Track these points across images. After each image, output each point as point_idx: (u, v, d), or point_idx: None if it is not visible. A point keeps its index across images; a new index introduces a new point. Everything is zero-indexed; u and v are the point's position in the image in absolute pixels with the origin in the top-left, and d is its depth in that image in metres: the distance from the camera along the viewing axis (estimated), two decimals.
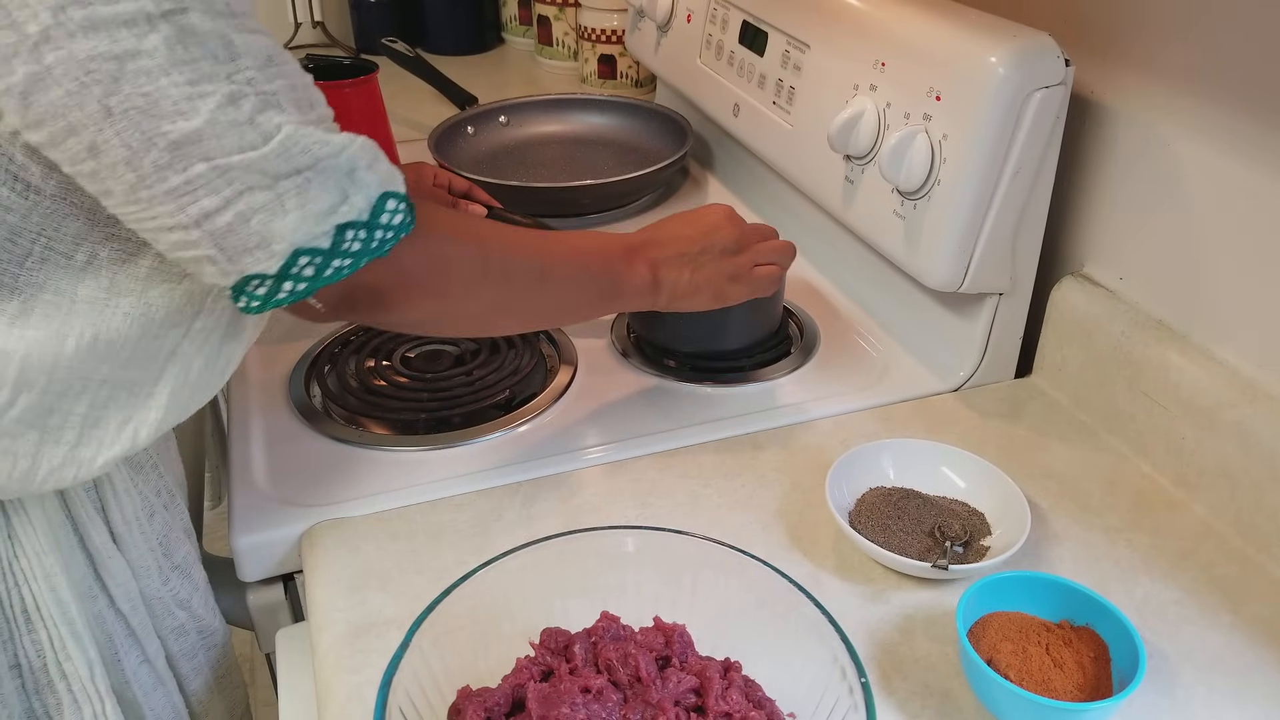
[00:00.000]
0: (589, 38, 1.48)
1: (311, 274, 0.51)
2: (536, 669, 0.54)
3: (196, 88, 0.46)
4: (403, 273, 0.57)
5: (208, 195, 0.47)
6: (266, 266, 0.50)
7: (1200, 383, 0.72)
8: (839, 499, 0.69)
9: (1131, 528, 0.71)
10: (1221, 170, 0.70)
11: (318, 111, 0.51)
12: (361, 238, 0.52)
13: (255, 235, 0.49)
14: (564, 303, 0.70)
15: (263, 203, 0.48)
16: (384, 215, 0.53)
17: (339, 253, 0.51)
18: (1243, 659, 0.61)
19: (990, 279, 0.80)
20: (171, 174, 0.47)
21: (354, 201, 0.51)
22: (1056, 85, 0.73)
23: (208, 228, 0.48)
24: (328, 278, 0.52)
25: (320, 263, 0.51)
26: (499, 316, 0.67)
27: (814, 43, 0.91)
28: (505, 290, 0.64)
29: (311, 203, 0.49)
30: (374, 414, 0.81)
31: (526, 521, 0.70)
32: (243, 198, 0.48)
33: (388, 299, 0.58)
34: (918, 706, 0.57)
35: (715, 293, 0.76)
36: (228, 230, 0.48)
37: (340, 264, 0.52)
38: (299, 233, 0.50)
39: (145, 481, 0.65)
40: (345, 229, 0.51)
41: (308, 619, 0.65)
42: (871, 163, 0.83)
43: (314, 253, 0.51)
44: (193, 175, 0.47)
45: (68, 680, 0.60)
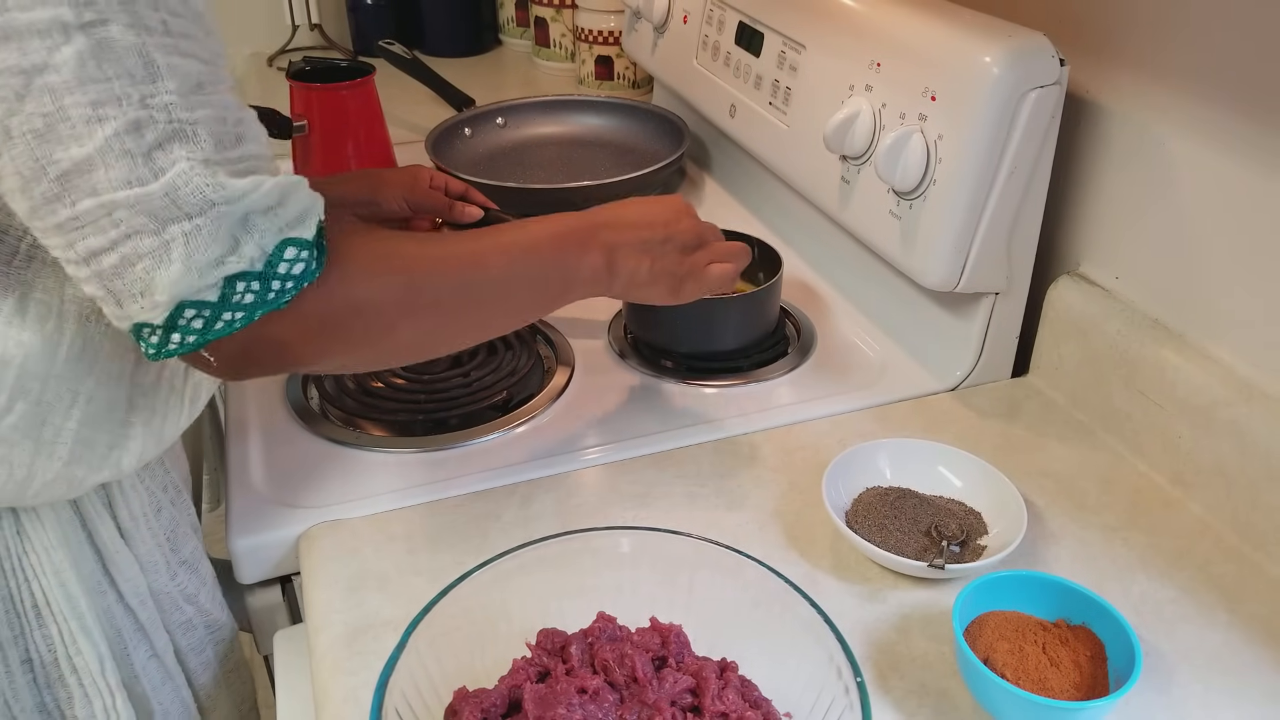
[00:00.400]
0: (586, 39, 1.49)
1: (200, 327, 0.48)
2: (533, 670, 0.54)
3: (99, 110, 0.43)
4: (310, 322, 0.52)
5: (95, 234, 0.45)
6: (151, 316, 0.47)
7: (1196, 381, 0.72)
8: (836, 499, 0.69)
9: (1128, 526, 0.71)
10: (1217, 169, 0.70)
11: (243, 149, 0.49)
12: (255, 289, 0.48)
13: (139, 282, 0.46)
14: (507, 312, 0.65)
15: (148, 249, 0.46)
16: (281, 265, 0.49)
17: (229, 305, 0.48)
18: (1239, 657, 0.61)
19: (986, 278, 0.80)
20: (60, 207, 0.45)
21: (244, 251, 0.48)
22: (1051, 85, 0.73)
23: (95, 268, 0.46)
24: (218, 331, 0.48)
25: (209, 315, 0.48)
26: (434, 343, 0.62)
27: (810, 43, 0.91)
28: (437, 317, 0.59)
29: (197, 253, 0.46)
30: (371, 416, 0.81)
31: (524, 522, 0.70)
32: (129, 241, 0.45)
33: (294, 352, 0.53)
34: (914, 705, 0.57)
35: (671, 287, 0.70)
36: (114, 274, 0.46)
37: (231, 317, 0.48)
38: (181, 285, 0.46)
39: (152, 478, 0.66)
40: (235, 280, 0.48)
41: (305, 621, 0.65)
42: (867, 163, 0.84)
43: (200, 305, 0.47)
44: (80, 210, 0.45)
45: (78, 674, 0.61)
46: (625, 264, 0.67)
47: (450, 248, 0.61)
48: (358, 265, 0.54)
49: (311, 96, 1.08)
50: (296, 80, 1.08)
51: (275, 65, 1.65)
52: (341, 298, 0.53)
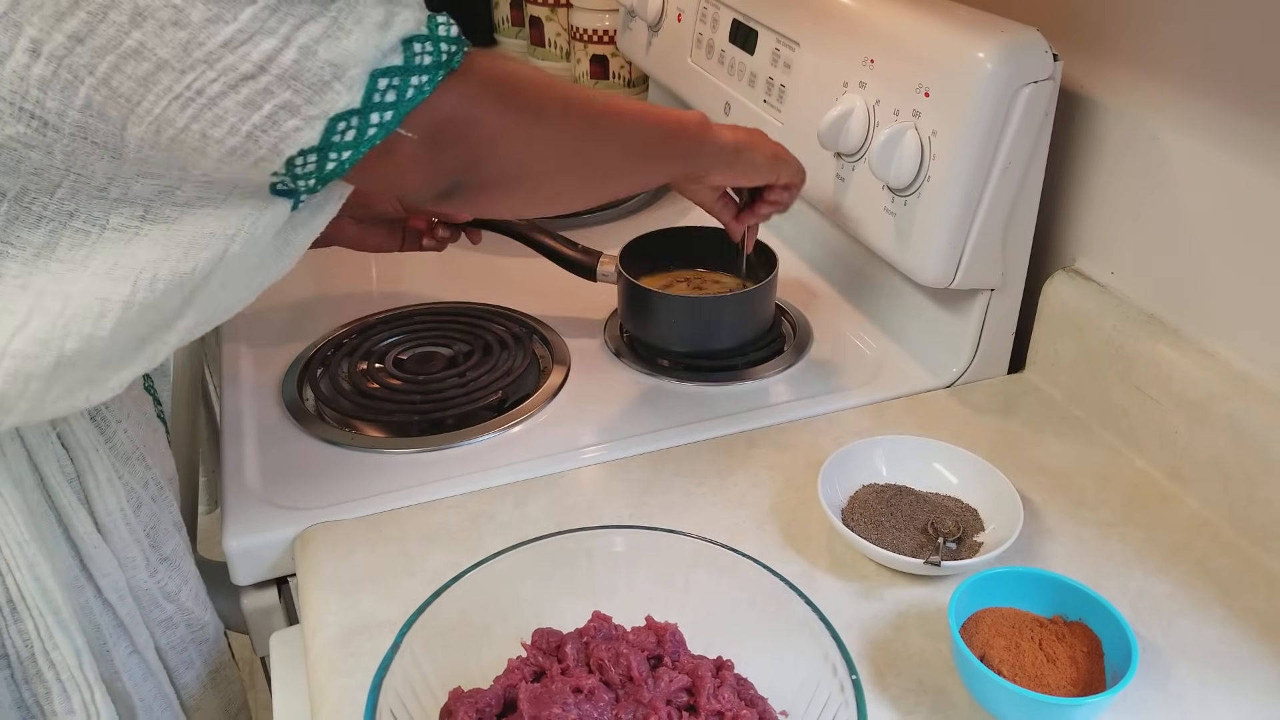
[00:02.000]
0: (581, 38, 1.48)
1: (394, 98, 0.49)
2: (528, 669, 0.54)
3: None
4: (486, 85, 0.54)
5: (264, 37, 0.45)
6: (349, 100, 0.48)
7: (1192, 376, 0.72)
8: (832, 496, 0.69)
9: (1125, 522, 0.71)
10: (1211, 163, 0.70)
11: None
12: (429, 51, 0.50)
13: (327, 67, 0.47)
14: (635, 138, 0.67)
15: (321, 30, 0.46)
16: (440, 27, 0.51)
17: (413, 69, 0.49)
18: (1236, 653, 0.61)
19: (981, 275, 0.80)
20: (222, 25, 0.45)
21: (404, 16, 0.49)
22: (1045, 80, 0.73)
23: (275, 71, 0.46)
24: (410, 100, 0.50)
25: (399, 84, 0.49)
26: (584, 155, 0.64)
27: (804, 41, 0.91)
28: (586, 115, 0.61)
29: (366, 17, 0.47)
30: (367, 416, 0.81)
31: (519, 522, 0.70)
32: (300, 30, 0.46)
33: (473, 134, 0.54)
34: (911, 703, 0.57)
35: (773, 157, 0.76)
36: (297, 69, 0.46)
37: (419, 81, 0.50)
38: (367, 50, 0.48)
39: (132, 473, 0.65)
40: (410, 43, 0.49)
41: (301, 622, 0.65)
42: (862, 160, 0.83)
43: (389, 72, 0.49)
44: (244, 20, 0.45)
45: (56, 669, 0.60)
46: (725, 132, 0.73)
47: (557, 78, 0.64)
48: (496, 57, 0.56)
49: None
50: None
51: None
52: (503, 66, 0.56)
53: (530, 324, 0.93)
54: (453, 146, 0.54)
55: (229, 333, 0.93)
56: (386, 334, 0.91)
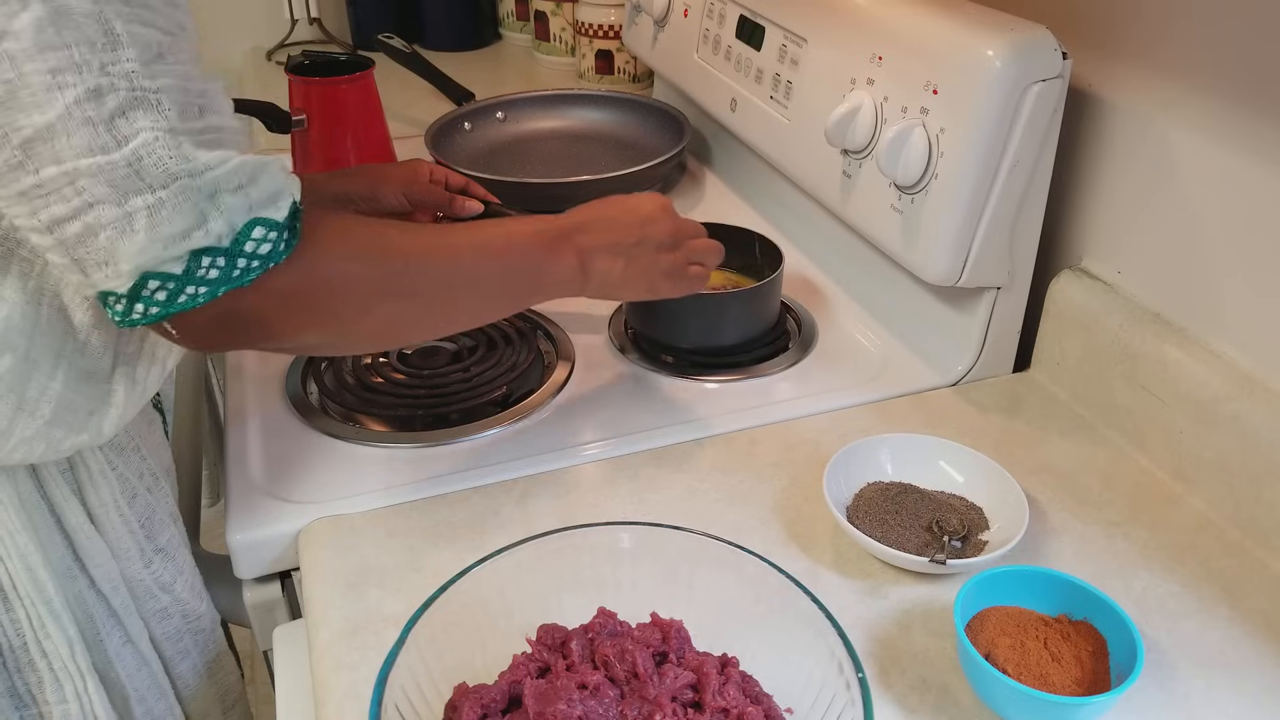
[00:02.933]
0: (586, 33, 1.48)
1: (164, 299, 0.48)
2: (533, 665, 0.54)
3: (58, 77, 0.44)
4: (282, 298, 0.53)
5: (58, 202, 0.46)
6: (116, 285, 0.48)
7: (1198, 376, 0.71)
8: (837, 494, 0.69)
9: (1130, 522, 0.71)
10: (1220, 163, 0.70)
11: (206, 121, 0.49)
12: (220, 265, 0.49)
13: (102, 251, 0.47)
14: (480, 304, 0.65)
15: (111, 218, 0.46)
16: (249, 243, 0.49)
17: (193, 279, 0.48)
18: (1241, 653, 0.61)
19: (988, 273, 0.80)
20: (24, 174, 0.45)
21: (211, 227, 0.48)
22: (1054, 78, 0.73)
23: (59, 236, 0.47)
24: (181, 304, 0.49)
25: (172, 288, 0.48)
26: (406, 330, 0.63)
27: (811, 37, 0.91)
28: (410, 303, 0.60)
29: (162, 225, 0.47)
30: (371, 411, 0.81)
31: (524, 518, 0.70)
32: (91, 210, 0.46)
33: (267, 326, 0.53)
34: (916, 701, 0.57)
35: (647, 285, 0.72)
36: (77, 242, 0.47)
37: (194, 291, 0.49)
38: (145, 255, 0.47)
39: (126, 464, 0.65)
40: (201, 255, 0.48)
41: (305, 616, 0.65)
42: (869, 157, 0.83)
43: (164, 277, 0.48)
44: (44, 178, 0.45)
45: (48, 658, 0.61)
46: (598, 266, 0.69)
47: (426, 239, 0.62)
48: (333, 247, 0.55)
49: (310, 91, 1.08)
50: (295, 74, 1.07)
51: (274, 59, 1.65)
52: (313, 276, 0.54)
53: (534, 319, 0.93)
54: (239, 334, 0.54)
55: None
56: None
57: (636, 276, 0.71)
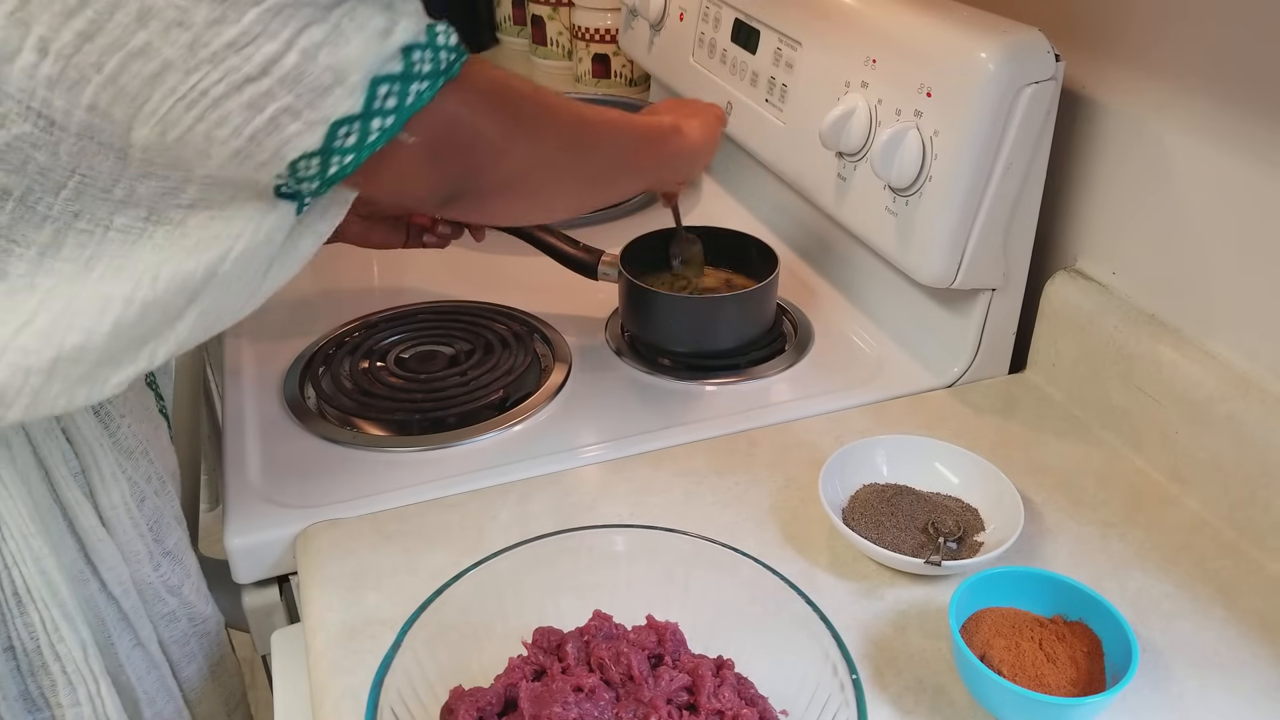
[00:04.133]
0: (583, 37, 1.49)
1: (394, 104, 0.50)
2: (529, 668, 0.54)
3: None
4: (484, 92, 0.55)
5: (267, 40, 0.46)
6: (350, 105, 0.48)
7: (1193, 377, 0.72)
8: (832, 496, 0.69)
9: (1125, 522, 0.71)
10: (1213, 164, 0.70)
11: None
12: (429, 59, 0.51)
13: (328, 71, 0.47)
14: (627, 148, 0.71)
15: (322, 36, 0.47)
16: (439, 36, 0.51)
17: (413, 75, 0.50)
18: (1236, 653, 0.61)
19: (983, 275, 0.80)
20: (225, 27, 0.45)
21: (404, 24, 0.50)
22: (1047, 80, 0.73)
23: (277, 74, 0.47)
24: (410, 105, 0.50)
25: (399, 89, 0.50)
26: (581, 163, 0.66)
27: (806, 40, 0.91)
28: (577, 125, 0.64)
29: (367, 24, 0.48)
30: (368, 415, 0.81)
31: (521, 521, 0.70)
32: (302, 35, 0.46)
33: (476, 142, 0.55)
34: (911, 702, 0.57)
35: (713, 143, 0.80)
36: (298, 73, 0.47)
37: (419, 87, 0.50)
38: (368, 56, 0.48)
39: (135, 467, 0.65)
40: (410, 50, 0.50)
41: (302, 620, 0.65)
42: (863, 159, 0.83)
43: (390, 79, 0.49)
44: (247, 23, 0.45)
45: (61, 661, 0.61)
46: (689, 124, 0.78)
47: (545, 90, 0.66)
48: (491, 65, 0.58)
49: None
50: None
51: None
52: (497, 76, 0.57)
53: (531, 323, 0.93)
54: (454, 153, 0.55)
55: (231, 329, 0.93)
56: (388, 332, 0.91)
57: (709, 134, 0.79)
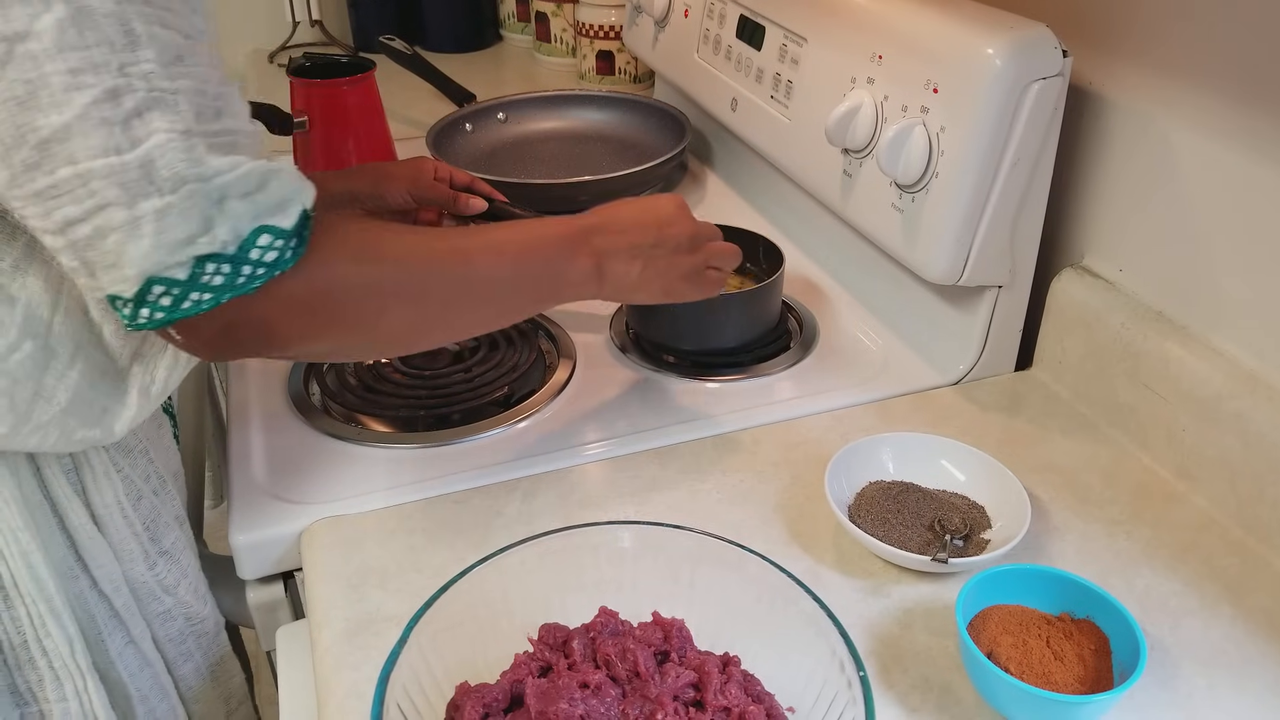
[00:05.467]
0: (587, 34, 1.48)
1: (168, 304, 0.48)
2: (535, 665, 0.54)
3: (78, 78, 0.44)
4: (289, 306, 0.52)
5: (70, 204, 0.46)
6: (122, 289, 0.48)
7: (1200, 374, 0.71)
8: (838, 493, 0.69)
9: (1132, 520, 0.71)
10: (1221, 161, 0.70)
11: (222, 124, 0.49)
12: (225, 272, 0.49)
13: (111, 254, 0.47)
14: (493, 309, 0.65)
15: (120, 221, 0.46)
16: (254, 250, 0.49)
17: (197, 286, 0.48)
18: (1244, 651, 0.61)
19: (989, 272, 0.80)
20: (39, 175, 0.46)
21: (217, 233, 0.48)
22: (1054, 76, 0.73)
23: (70, 237, 0.47)
24: (185, 310, 0.49)
25: (177, 294, 0.48)
26: (417, 337, 0.63)
27: (811, 36, 0.91)
28: (421, 310, 0.59)
29: (168, 231, 0.47)
30: (373, 411, 0.81)
31: (526, 518, 0.70)
32: (102, 212, 0.46)
33: (274, 334, 0.53)
34: (918, 700, 0.57)
35: (664, 288, 0.71)
36: (87, 244, 0.47)
37: (199, 297, 0.49)
38: (150, 260, 0.47)
39: (133, 466, 0.65)
40: (206, 261, 0.48)
41: (307, 616, 0.65)
42: (869, 156, 0.83)
43: (169, 282, 0.48)
44: (58, 179, 0.46)
45: (49, 657, 0.61)
46: (615, 268, 0.68)
47: (437, 243, 0.61)
48: (340, 252, 0.54)
49: (312, 93, 1.08)
50: (297, 77, 1.08)
51: (276, 62, 1.65)
52: (323, 283, 0.53)
53: (536, 320, 0.93)
54: (247, 342, 0.54)
55: None
56: None
57: (653, 279, 0.70)
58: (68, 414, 0.56)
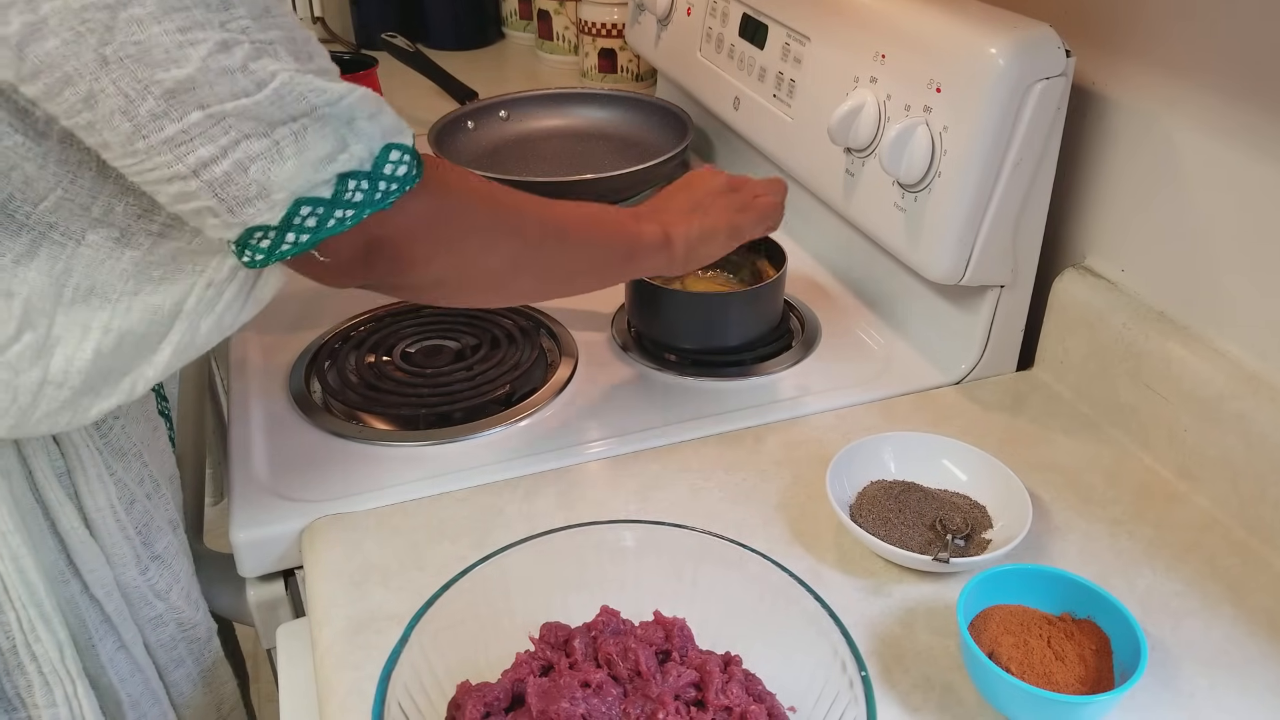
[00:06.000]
0: (589, 32, 1.48)
1: (314, 225, 0.50)
2: (536, 664, 0.54)
3: (187, 35, 0.45)
4: (415, 225, 0.56)
5: (204, 144, 0.47)
6: (268, 217, 0.49)
7: (1202, 374, 0.71)
8: (840, 492, 0.69)
9: (1134, 520, 0.71)
10: (1224, 161, 0.70)
11: (317, 63, 0.51)
12: (364, 189, 0.51)
13: (254, 184, 0.48)
14: (583, 263, 0.70)
15: (260, 150, 0.48)
16: (387, 166, 0.52)
17: (341, 203, 0.51)
18: (1245, 651, 0.61)
19: (991, 271, 0.80)
20: (168, 122, 0.46)
21: (354, 150, 0.50)
22: (1057, 76, 0.73)
23: (206, 177, 0.48)
24: (330, 229, 0.51)
25: (322, 213, 0.50)
26: (518, 276, 0.66)
27: (814, 35, 0.91)
28: (523, 246, 0.64)
29: (309, 150, 0.49)
30: (374, 409, 0.81)
31: (527, 516, 0.70)
32: (239, 146, 0.47)
33: (403, 254, 0.56)
34: (919, 699, 0.57)
35: (729, 229, 0.77)
36: (226, 180, 0.48)
37: (343, 215, 0.51)
38: (298, 181, 0.49)
39: (126, 469, 0.65)
40: (347, 178, 0.50)
41: (308, 615, 0.65)
42: (872, 155, 0.83)
43: (315, 202, 0.50)
44: (188, 124, 0.46)
45: (38, 662, 0.60)
46: (679, 230, 0.75)
47: (529, 194, 0.66)
48: (455, 184, 0.59)
49: None
50: None
51: None
52: (445, 205, 0.58)
53: (538, 318, 0.93)
54: (379, 264, 0.56)
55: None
56: (394, 327, 0.91)
57: (714, 225, 0.76)
58: (81, 394, 0.56)
